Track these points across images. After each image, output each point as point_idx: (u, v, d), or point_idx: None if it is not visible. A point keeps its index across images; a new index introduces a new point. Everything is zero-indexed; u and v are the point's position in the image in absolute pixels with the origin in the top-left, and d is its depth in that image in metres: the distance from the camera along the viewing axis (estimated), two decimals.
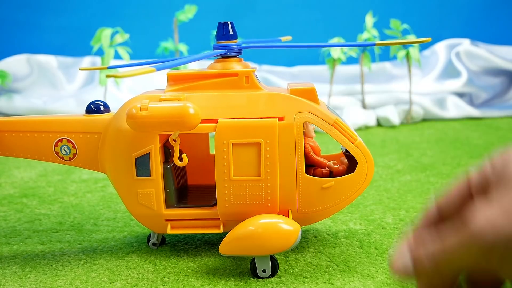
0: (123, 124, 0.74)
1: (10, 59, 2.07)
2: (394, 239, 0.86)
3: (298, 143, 0.73)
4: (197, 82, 0.76)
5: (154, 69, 0.59)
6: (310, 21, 2.28)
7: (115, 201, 1.09)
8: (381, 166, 1.31)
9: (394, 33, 1.80)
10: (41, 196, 1.14)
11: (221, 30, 0.77)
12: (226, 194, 0.74)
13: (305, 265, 0.77)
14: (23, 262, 0.81)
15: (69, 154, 0.79)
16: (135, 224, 0.95)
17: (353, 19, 2.09)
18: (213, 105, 0.74)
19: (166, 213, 0.77)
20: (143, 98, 0.72)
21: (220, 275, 0.75)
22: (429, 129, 1.78)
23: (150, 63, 0.82)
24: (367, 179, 0.76)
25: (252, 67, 0.77)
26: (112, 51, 1.68)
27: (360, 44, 0.85)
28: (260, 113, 0.73)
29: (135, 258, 0.81)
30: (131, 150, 0.74)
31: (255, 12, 2.28)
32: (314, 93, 0.76)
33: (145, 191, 0.75)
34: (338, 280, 0.73)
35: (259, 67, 2.11)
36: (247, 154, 0.73)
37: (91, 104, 0.81)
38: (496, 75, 2.14)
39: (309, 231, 0.90)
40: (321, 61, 1.92)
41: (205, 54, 0.76)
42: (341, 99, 1.95)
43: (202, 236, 0.89)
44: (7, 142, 0.80)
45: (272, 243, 0.71)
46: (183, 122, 0.70)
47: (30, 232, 0.94)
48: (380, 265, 0.77)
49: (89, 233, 0.93)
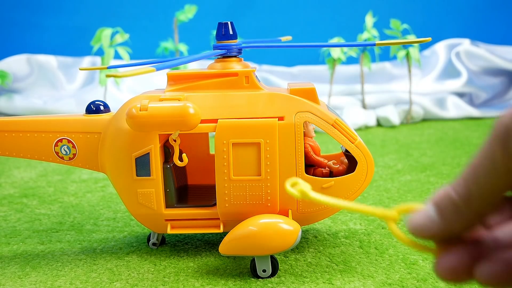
0: (123, 124, 0.74)
1: (10, 59, 2.07)
2: (394, 239, 0.86)
3: (298, 143, 0.73)
4: (197, 82, 0.76)
5: (154, 69, 0.59)
6: (310, 21, 2.28)
7: (115, 201, 1.09)
8: (381, 166, 1.31)
9: (394, 33, 1.80)
10: (41, 196, 1.14)
11: (221, 30, 0.77)
12: (226, 194, 0.74)
13: (305, 265, 0.77)
14: (23, 262, 0.81)
15: (69, 154, 0.79)
16: (135, 224, 0.95)
17: (353, 19, 2.10)
18: (213, 105, 0.74)
19: (166, 213, 0.77)
20: (143, 98, 0.72)
21: (220, 275, 0.75)
22: (429, 129, 1.78)
23: (150, 63, 0.81)
24: (367, 179, 0.76)
25: (252, 67, 0.77)
26: (112, 51, 1.67)
27: (360, 44, 0.85)
28: (260, 113, 0.73)
29: (135, 258, 0.81)
30: (131, 150, 0.74)
31: (255, 12, 2.28)
32: (314, 93, 0.76)
33: (145, 191, 0.75)
34: (338, 280, 0.73)
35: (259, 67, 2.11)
36: (247, 154, 0.73)
37: (91, 104, 0.81)
38: (496, 75, 2.14)
39: (309, 231, 0.90)
40: (321, 61, 1.92)
41: (205, 54, 0.76)
42: (341, 99, 1.95)
43: (202, 236, 0.89)
44: (7, 142, 0.80)
45: (272, 243, 0.71)
46: (183, 122, 0.70)
47: (30, 232, 0.94)
48: (380, 265, 0.77)
49: (89, 233, 0.93)
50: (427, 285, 0.71)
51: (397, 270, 0.75)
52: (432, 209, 0.26)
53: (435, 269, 0.26)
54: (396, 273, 0.74)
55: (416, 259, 0.78)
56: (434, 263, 0.26)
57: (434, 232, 0.26)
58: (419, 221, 0.26)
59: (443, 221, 0.25)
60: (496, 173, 0.23)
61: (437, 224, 0.25)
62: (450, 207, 0.25)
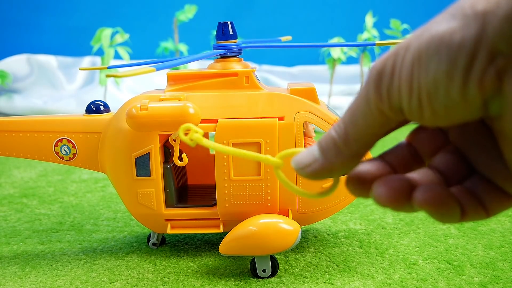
0: (123, 124, 0.74)
1: (10, 59, 2.07)
2: (394, 239, 0.86)
3: (298, 143, 0.73)
4: (197, 82, 0.76)
5: (154, 69, 0.59)
6: (310, 21, 2.29)
7: (115, 201, 1.09)
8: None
9: (394, 33, 1.80)
10: (41, 196, 1.14)
11: (221, 30, 0.77)
12: (226, 194, 0.74)
13: (305, 265, 0.77)
14: (23, 262, 0.81)
15: (69, 154, 0.79)
16: (135, 224, 0.95)
17: (353, 19, 2.10)
18: (213, 105, 0.74)
19: (166, 213, 0.77)
20: (143, 98, 0.72)
21: (220, 275, 0.75)
22: None
23: (150, 63, 0.81)
24: None
25: (252, 67, 0.77)
26: (112, 51, 1.68)
27: (360, 44, 0.85)
28: (260, 113, 0.73)
29: (135, 258, 0.81)
30: (131, 150, 0.74)
31: (255, 12, 2.28)
32: (314, 93, 0.76)
33: (145, 191, 0.75)
34: (338, 280, 0.73)
35: (259, 67, 2.11)
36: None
37: (91, 104, 0.81)
38: None
39: (309, 231, 0.90)
40: (321, 61, 1.92)
41: (205, 54, 0.76)
42: (341, 99, 1.95)
43: (202, 236, 0.89)
44: (7, 142, 0.80)
45: (272, 243, 0.71)
46: (183, 122, 0.70)
47: (30, 232, 0.94)
48: (380, 265, 0.77)
49: (89, 233, 0.93)
50: (427, 285, 0.71)
51: (397, 270, 0.75)
52: (316, 148, 0.28)
53: (373, 196, 0.27)
54: (396, 273, 0.74)
55: (416, 259, 0.78)
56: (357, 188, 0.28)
57: (315, 168, 0.28)
58: (303, 159, 0.28)
59: (325, 159, 0.27)
60: (371, 114, 0.25)
61: (319, 162, 0.27)
62: (331, 147, 0.27)
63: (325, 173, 0.28)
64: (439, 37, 0.21)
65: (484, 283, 0.71)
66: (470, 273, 0.74)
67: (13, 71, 2.02)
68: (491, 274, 0.73)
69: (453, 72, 0.21)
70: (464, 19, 0.21)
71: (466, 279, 0.72)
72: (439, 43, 0.21)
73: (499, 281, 0.71)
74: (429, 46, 0.22)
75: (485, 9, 0.20)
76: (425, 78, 0.22)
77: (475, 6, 0.21)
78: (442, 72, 0.21)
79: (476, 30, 0.20)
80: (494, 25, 0.20)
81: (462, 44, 0.21)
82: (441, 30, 0.22)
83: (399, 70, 0.23)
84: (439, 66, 0.21)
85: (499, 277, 0.72)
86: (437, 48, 0.21)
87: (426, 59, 0.22)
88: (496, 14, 0.20)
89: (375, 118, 0.25)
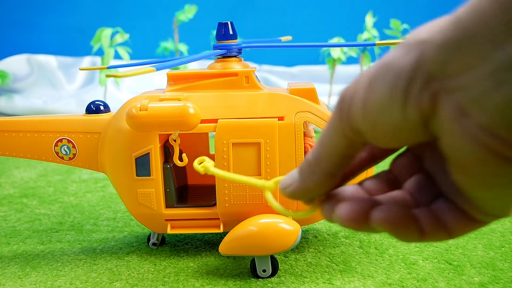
0: (123, 124, 0.74)
1: (10, 59, 2.07)
2: (394, 239, 0.86)
3: (298, 143, 0.73)
4: (197, 82, 0.76)
5: (154, 69, 0.59)
6: (310, 21, 2.29)
7: (115, 201, 1.09)
8: (381, 166, 1.31)
9: (394, 33, 1.80)
10: (41, 196, 1.14)
11: (221, 30, 0.77)
12: (226, 194, 0.74)
13: (305, 265, 0.77)
14: (23, 262, 0.81)
15: (69, 154, 0.79)
16: (135, 224, 0.95)
17: (353, 19, 2.10)
18: (213, 105, 0.74)
19: (166, 213, 0.77)
20: (143, 98, 0.72)
21: (220, 275, 0.75)
22: None
23: (150, 63, 0.81)
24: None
25: (252, 67, 0.77)
26: (112, 51, 1.68)
27: (360, 44, 0.85)
28: (260, 113, 0.73)
29: (135, 258, 0.81)
30: (131, 150, 0.74)
31: (255, 12, 2.28)
32: (314, 93, 0.76)
33: (145, 191, 0.75)
34: (338, 280, 0.73)
35: (259, 67, 2.11)
36: (247, 154, 0.73)
37: (91, 104, 0.81)
38: None
39: (309, 231, 0.90)
40: (321, 61, 1.92)
41: (205, 54, 0.76)
42: None
43: (202, 236, 0.89)
44: (7, 142, 0.80)
45: (272, 243, 0.71)
46: (183, 122, 0.70)
47: (30, 232, 0.94)
48: (380, 265, 0.77)
49: (89, 233, 0.93)
50: (427, 285, 0.71)
51: (397, 270, 0.75)
52: (296, 170, 0.30)
53: (335, 217, 0.28)
54: (396, 273, 0.74)
55: (416, 259, 0.78)
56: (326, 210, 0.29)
57: (294, 189, 0.30)
58: (286, 180, 0.31)
59: (301, 180, 0.29)
60: (336, 136, 0.26)
61: (297, 183, 0.29)
62: (306, 167, 0.29)
63: (302, 193, 0.30)
64: (387, 63, 0.24)
65: (484, 283, 0.71)
66: (470, 273, 0.74)
67: (13, 71, 2.02)
68: (491, 274, 0.73)
69: (395, 94, 0.23)
70: (407, 47, 0.23)
71: (466, 279, 0.72)
72: (386, 69, 0.23)
73: (499, 281, 0.71)
74: (378, 71, 0.24)
75: (424, 38, 0.22)
76: (374, 101, 0.24)
77: (416, 36, 0.23)
78: (386, 94, 0.23)
79: (415, 56, 0.22)
80: (430, 52, 0.22)
81: (402, 69, 0.23)
82: (390, 57, 0.24)
83: (357, 94, 0.25)
84: (384, 89, 0.23)
85: (499, 277, 0.72)
86: (384, 73, 0.23)
87: (375, 83, 0.24)
88: (432, 42, 0.22)
89: (340, 139, 0.26)
